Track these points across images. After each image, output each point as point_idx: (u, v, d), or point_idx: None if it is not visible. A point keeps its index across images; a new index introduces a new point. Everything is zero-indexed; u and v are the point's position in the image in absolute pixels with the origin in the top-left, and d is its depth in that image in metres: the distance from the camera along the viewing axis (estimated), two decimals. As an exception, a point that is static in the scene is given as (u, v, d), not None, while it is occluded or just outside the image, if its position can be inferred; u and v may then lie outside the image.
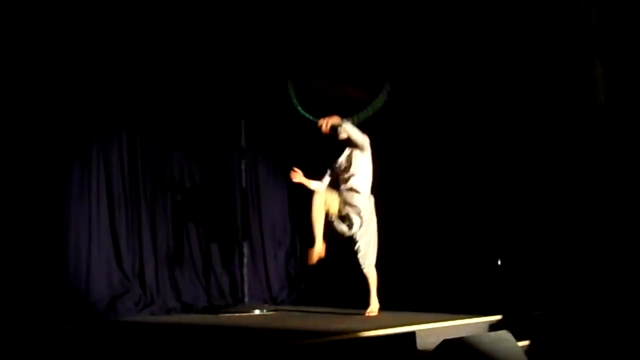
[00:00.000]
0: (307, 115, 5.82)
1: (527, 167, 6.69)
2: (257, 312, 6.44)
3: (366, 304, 5.67)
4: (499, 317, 5.24)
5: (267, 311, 6.51)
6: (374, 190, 5.77)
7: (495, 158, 6.99)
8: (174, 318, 6.35)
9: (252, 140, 7.31)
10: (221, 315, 6.37)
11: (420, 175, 7.58)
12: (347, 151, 5.74)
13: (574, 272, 6.07)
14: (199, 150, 7.33)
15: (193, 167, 7.29)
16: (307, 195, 5.66)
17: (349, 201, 5.60)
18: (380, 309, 5.69)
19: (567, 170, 6.27)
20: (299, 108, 5.89)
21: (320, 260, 5.57)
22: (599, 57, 6.25)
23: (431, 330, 4.77)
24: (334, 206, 5.59)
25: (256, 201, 7.64)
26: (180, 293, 6.86)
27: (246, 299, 6.81)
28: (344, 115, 5.70)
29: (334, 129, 5.59)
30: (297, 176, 5.77)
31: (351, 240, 5.68)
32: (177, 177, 7.16)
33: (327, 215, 5.53)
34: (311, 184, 5.75)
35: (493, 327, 4.94)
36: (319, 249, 5.45)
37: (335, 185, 5.78)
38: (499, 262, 6.83)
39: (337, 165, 5.79)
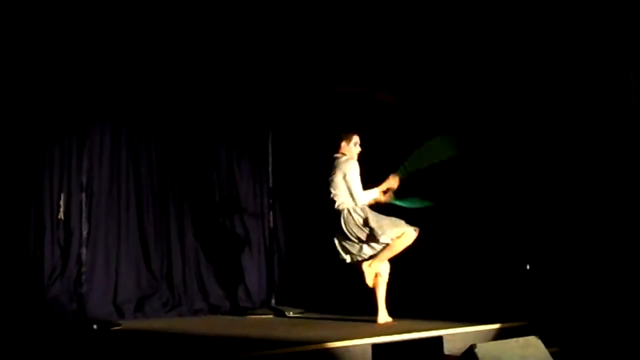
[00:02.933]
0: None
1: (560, 170, 6.61)
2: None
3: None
4: (527, 322, 5.19)
5: (293, 313, 6.52)
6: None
7: (526, 161, 6.91)
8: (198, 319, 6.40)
9: (279, 143, 7.34)
10: (247, 317, 6.39)
11: (448, 178, 7.53)
12: None
13: (605, 277, 5.99)
14: (227, 154, 7.38)
15: (221, 169, 7.34)
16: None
17: None
18: (409, 315, 5.68)
19: (601, 174, 6.18)
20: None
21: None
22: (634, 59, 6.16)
23: (458, 335, 4.74)
24: None
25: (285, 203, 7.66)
26: (207, 294, 6.90)
27: (273, 301, 6.83)
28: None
29: None
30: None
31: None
32: (206, 180, 7.21)
33: None
34: None
35: (522, 332, 4.89)
36: None
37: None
38: (528, 267, 6.76)
39: None
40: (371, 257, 5.52)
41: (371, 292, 5.56)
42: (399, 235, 5.43)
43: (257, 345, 4.43)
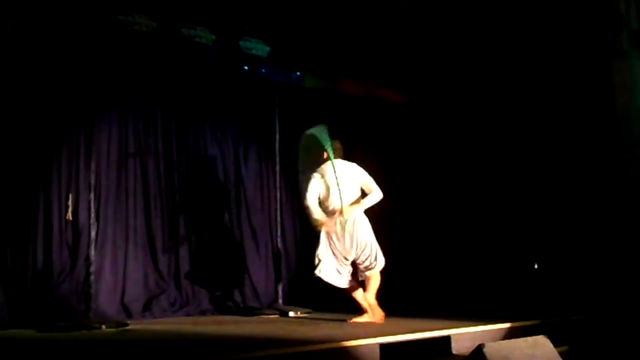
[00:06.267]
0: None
1: (567, 171, 6.61)
2: (291, 314, 6.44)
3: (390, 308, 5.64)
4: (536, 321, 5.17)
5: (300, 313, 6.51)
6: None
7: (533, 162, 6.91)
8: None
9: (287, 141, 7.33)
10: (255, 317, 6.38)
11: (457, 179, 7.54)
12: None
13: (613, 276, 5.97)
14: (234, 153, 7.38)
15: (228, 168, 7.34)
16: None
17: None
18: (417, 314, 5.68)
19: (609, 175, 6.17)
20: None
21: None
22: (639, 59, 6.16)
23: (467, 335, 4.72)
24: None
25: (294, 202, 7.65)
26: (215, 294, 6.89)
27: (280, 301, 6.82)
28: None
29: None
30: None
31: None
32: (213, 179, 7.22)
33: None
34: None
35: (530, 332, 4.88)
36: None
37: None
38: (536, 266, 6.75)
39: None
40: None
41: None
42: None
43: (264, 344, 4.43)
